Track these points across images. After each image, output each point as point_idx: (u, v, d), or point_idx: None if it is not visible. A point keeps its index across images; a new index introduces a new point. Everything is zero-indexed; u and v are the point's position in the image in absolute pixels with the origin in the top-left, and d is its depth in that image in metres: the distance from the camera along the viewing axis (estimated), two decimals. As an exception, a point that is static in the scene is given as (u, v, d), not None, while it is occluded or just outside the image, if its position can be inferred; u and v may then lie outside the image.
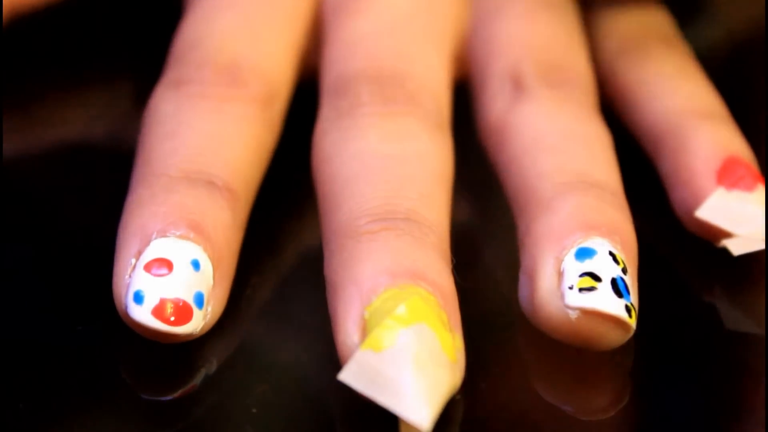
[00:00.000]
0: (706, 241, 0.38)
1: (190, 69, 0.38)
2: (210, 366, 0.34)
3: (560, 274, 0.33)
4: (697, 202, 0.37)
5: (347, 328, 0.31)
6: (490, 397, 0.34)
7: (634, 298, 0.33)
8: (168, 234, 0.33)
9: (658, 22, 0.44)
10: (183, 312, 0.32)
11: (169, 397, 0.33)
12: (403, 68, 0.38)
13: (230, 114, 0.37)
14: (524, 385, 0.34)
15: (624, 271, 0.33)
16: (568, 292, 0.33)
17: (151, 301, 0.32)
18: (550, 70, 0.39)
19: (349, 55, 0.39)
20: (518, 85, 0.39)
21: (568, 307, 0.33)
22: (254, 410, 0.33)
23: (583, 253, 0.33)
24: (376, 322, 0.31)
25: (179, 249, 0.33)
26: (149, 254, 0.33)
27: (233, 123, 0.36)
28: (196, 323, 0.33)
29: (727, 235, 0.37)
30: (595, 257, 0.33)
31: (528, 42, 0.40)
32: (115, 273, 0.33)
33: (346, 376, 0.30)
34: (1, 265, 0.37)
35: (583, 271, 0.33)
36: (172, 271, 0.32)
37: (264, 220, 0.38)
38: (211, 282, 0.33)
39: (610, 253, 0.33)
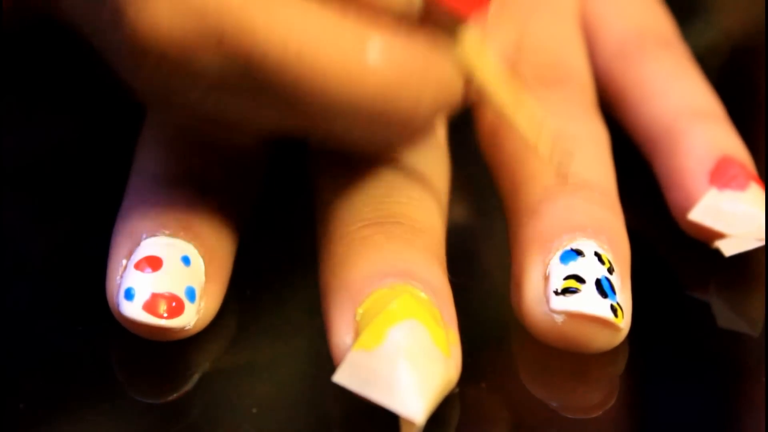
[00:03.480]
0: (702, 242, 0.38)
1: None
2: (210, 367, 0.34)
3: (546, 279, 0.33)
4: (691, 204, 0.37)
5: (339, 331, 0.32)
6: (489, 397, 0.34)
7: (622, 297, 0.33)
8: (158, 234, 0.34)
9: (657, 22, 0.44)
10: (174, 305, 0.33)
11: (169, 398, 0.33)
12: None
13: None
14: (522, 386, 0.35)
15: (610, 270, 0.33)
16: (552, 297, 0.33)
17: (141, 296, 0.32)
18: (545, 70, 0.39)
19: None
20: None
21: (553, 311, 0.33)
22: (254, 410, 0.33)
23: (568, 256, 0.33)
24: (366, 322, 0.31)
25: (169, 246, 0.33)
26: (139, 253, 0.33)
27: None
28: (189, 317, 0.33)
29: (721, 236, 0.37)
30: (580, 259, 0.33)
31: (523, 43, 0.40)
32: (108, 275, 0.33)
33: (339, 377, 0.31)
34: (1, 266, 0.37)
35: (567, 274, 0.33)
36: (161, 268, 0.33)
37: (263, 221, 0.38)
38: (203, 278, 0.34)
39: (596, 254, 0.33)
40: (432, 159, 0.36)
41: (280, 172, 0.39)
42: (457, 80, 0.32)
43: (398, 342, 0.30)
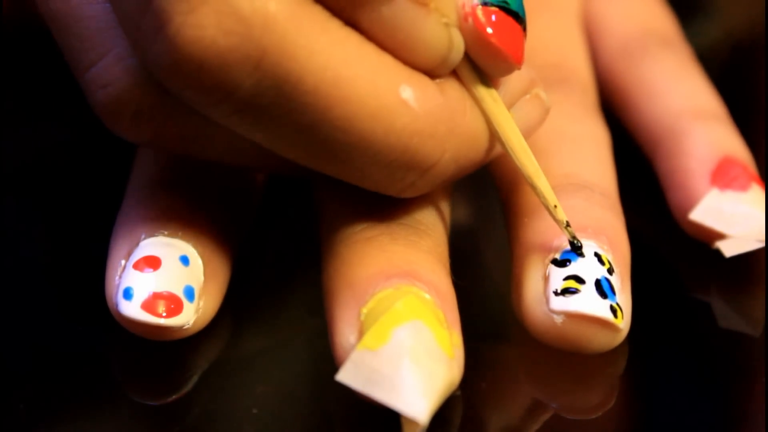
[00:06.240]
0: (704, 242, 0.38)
1: None
2: (209, 367, 0.34)
3: (546, 279, 0.33)
4: (692, 204, 0.37)
5: (343, 330, 0.31)
6: (489, 397, 0.34)
7: (622, 297, 0.33)
8: (156, 234, 0.34)
9: (660, 22, 0.44)
10: (173, 304, 0.33)
11: (169, 399, 0.33)
12: None
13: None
14: (522, 386, 0.35)
15: (610, 271, 0.33)
16: (552, 297, 0.33)
17: (140, 296, 0.32)
18: (547, 70, 0.39)
19: None
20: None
21: (552, 311, 0.33)
22: (254, 410, 0.33)
23: (568, 257, 0.33)
24: (371, 322, 0.31)
25: (167, 246, 0.33)
26: (138, 254, 0.33)
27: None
28: (187, 316, 0.33)
29: (721, 236, 0.37)
30: (580, 260, 0.33)
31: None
32: (107, 275, 0.33)
33: (343, 376, 0.30)
34: (1, 267, 0.37)
35: (567, 275, 0.33)
36: (160, 267, 0.33)
37: (263, 221, 0.38)
38: (202, 277, 0.34)
39: (596, 254, 0.33)
40: None
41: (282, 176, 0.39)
42: (484, 135, 0.33)
43: (403, 342, 0.30)
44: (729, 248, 0.36)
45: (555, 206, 0.33)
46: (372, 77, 0.30)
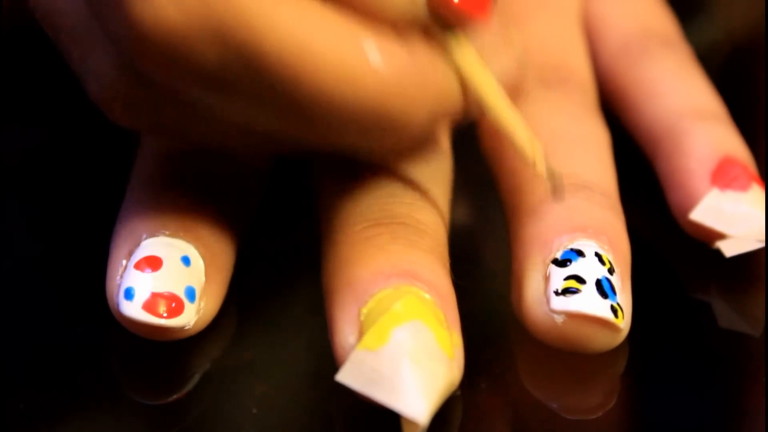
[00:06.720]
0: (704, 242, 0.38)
1: None
2: (210, 367, 0.34)
3: (547, 279, 0.33)
4: (692, 204, 0.37)
5: (343, 330, 0.32)
6: (489, 397, 0.34)
7: (622, 297, 0.33)
8: (158, 234, 0.34)
9: (660, 21, 0.44)
10: (174, 305, 0.33)
11: (169, 399, 0.34)
12: None
13: None
14: (522, 386, 0.35)
15: (610, 271, 0.33)
16: (552, 297, 0.33)
17: (141, 296, 0.32)
18: (547, 70, 0.39)
19: None
20: (514, 87, 0.39)
21: (553, 311, 0.33)
22: (254, 410, 0.33)
23: (569, 256, 0.33)
24: (371, 322, 0.31)
25: (169, 246, 0.33)
26: (139, 254, 0.33)
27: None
28: (188, 317, 0.33)
29: (722, 236, 0.37)
30: (580, 259, 0.33)
31: (525, 43, 0.40)
32: (108, 275, 0.34)
33: (343, 376, 0.31)
34: (1, 267, 0.37)
35: (567, 275, 0.33)
36: (161, 268, 0.33)
37: (263, 221, 0.38)
38: (203, 278, 0.34)
39: (596, 254, 0.33)
40: (434, 160, 0.36)
41: (282, 172, 0.39)
42: (456, 90, 0.32)
43: (402, 342, 0.30)
44: (729, 248, 0.36)
45: (534, 163, 0.32)
46: (336, 43, 0.30)
